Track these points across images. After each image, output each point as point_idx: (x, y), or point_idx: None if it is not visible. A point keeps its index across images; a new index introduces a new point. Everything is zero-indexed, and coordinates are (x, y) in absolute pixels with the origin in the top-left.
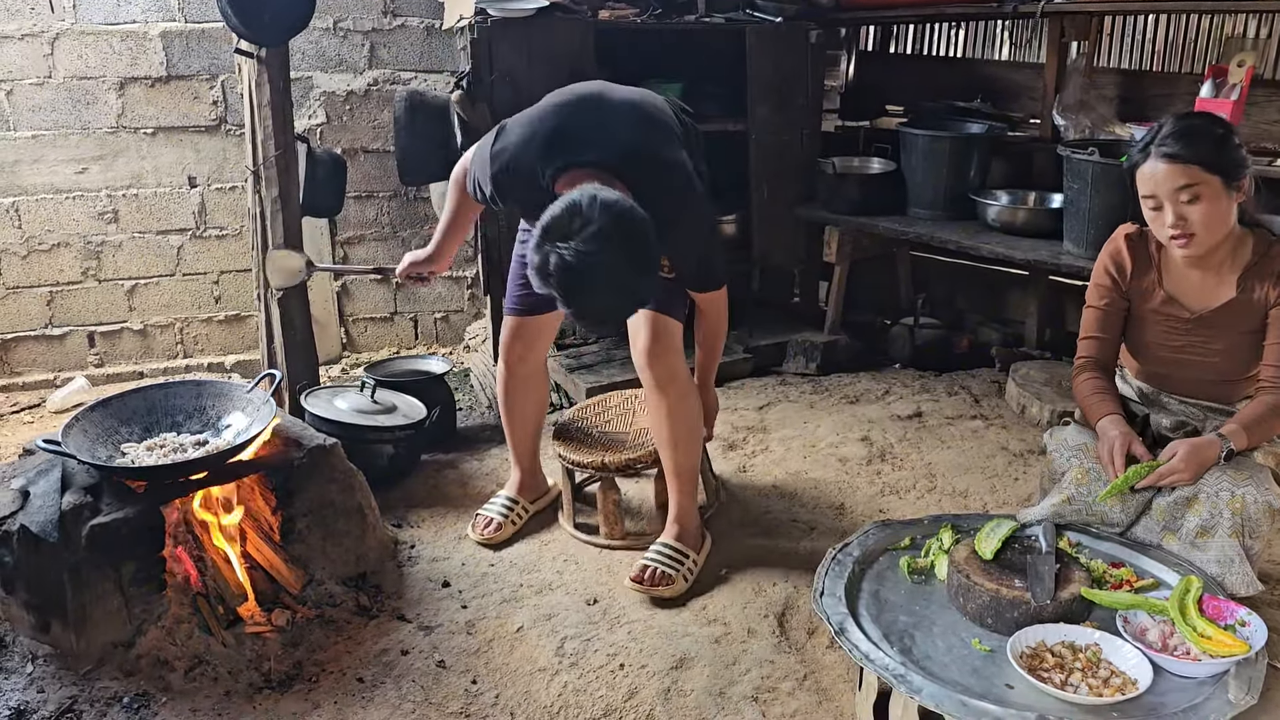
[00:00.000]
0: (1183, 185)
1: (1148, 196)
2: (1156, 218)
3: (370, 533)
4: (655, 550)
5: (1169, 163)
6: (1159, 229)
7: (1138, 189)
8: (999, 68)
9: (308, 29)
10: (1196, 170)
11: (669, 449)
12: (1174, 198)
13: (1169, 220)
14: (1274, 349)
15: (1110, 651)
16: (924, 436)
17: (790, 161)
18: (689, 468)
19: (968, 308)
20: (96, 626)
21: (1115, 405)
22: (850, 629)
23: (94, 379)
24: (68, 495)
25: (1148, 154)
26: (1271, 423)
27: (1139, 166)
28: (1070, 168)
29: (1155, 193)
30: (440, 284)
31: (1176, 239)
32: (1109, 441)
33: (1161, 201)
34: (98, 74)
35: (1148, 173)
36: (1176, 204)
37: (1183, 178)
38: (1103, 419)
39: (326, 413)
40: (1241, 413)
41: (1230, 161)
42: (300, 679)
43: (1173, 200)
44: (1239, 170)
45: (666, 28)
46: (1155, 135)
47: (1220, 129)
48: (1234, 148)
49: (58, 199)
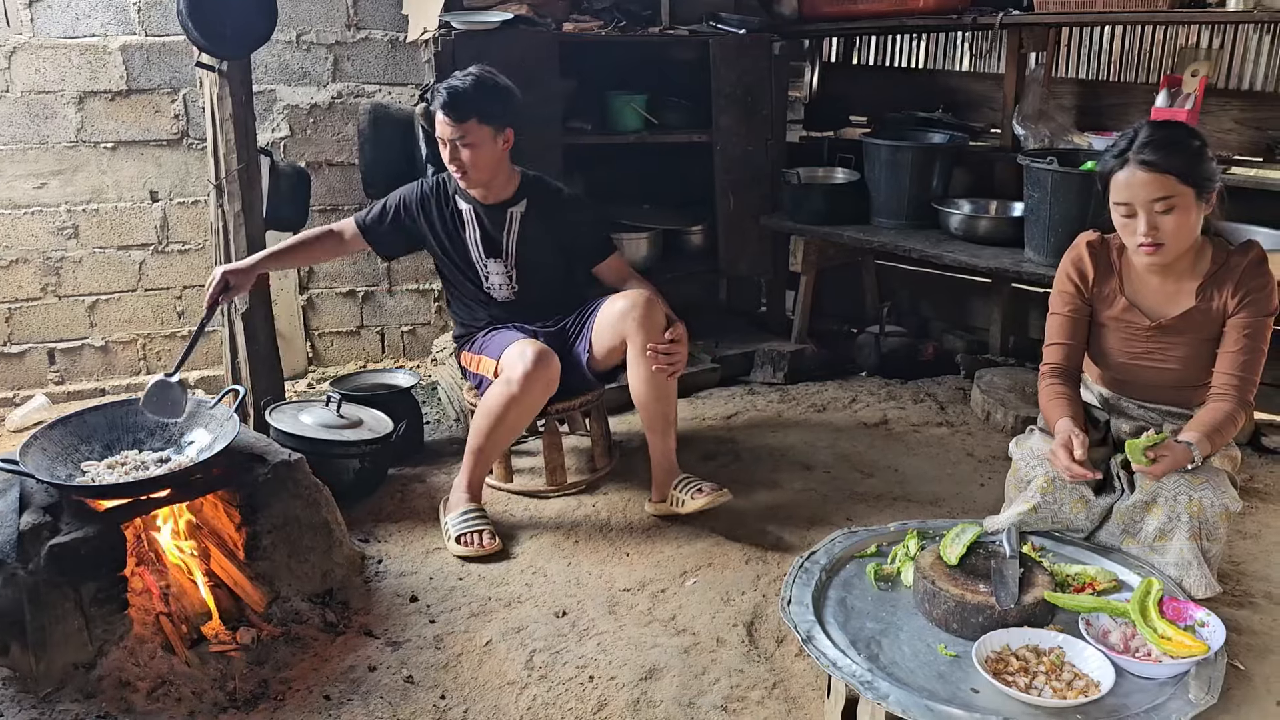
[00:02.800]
0: (1160, 196)
1: (1121, 204)
2: (1127, 225)
3: (337, 548)
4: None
5: (1148, 171)
6: (1128, 236)
7: (1108, 194)
8: (960, 78)
9: (270, 42)
10: (1173, 181)
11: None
12: (1149, 207)
13: (1141, 229)
14: (1228, 357)
15: (1073, 654)
16: (890, 444)
17: (755, 172)
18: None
19: (933, 315)
20: (57, 648)
21: (1072, 409)
22: (818, 637)
23: (54, 396)
24: (26, 515)
25: (1124, 160)
26: (1227, 430)
27: (1114, 173)
28: (1030, 177)
29: (1130, 200)
30: (407, 297)
31: (1146, 247)
32: (1058, 437)
33: (1135, 209)
34: (56, 88)
35: (1123, 180)
36: (1151, 213)
37: (1160, 189)
38: (1059, 420)
39: (292, 428)
40: (1200, 419)
41: (1204, 174)
42: (266, 698)
43: (1147, 209)
44: (1211, 183)
45: (631, 40)
46: (1132, 142)
47: (1197, 141)
48: (1208, 161)
49: (15, 214)
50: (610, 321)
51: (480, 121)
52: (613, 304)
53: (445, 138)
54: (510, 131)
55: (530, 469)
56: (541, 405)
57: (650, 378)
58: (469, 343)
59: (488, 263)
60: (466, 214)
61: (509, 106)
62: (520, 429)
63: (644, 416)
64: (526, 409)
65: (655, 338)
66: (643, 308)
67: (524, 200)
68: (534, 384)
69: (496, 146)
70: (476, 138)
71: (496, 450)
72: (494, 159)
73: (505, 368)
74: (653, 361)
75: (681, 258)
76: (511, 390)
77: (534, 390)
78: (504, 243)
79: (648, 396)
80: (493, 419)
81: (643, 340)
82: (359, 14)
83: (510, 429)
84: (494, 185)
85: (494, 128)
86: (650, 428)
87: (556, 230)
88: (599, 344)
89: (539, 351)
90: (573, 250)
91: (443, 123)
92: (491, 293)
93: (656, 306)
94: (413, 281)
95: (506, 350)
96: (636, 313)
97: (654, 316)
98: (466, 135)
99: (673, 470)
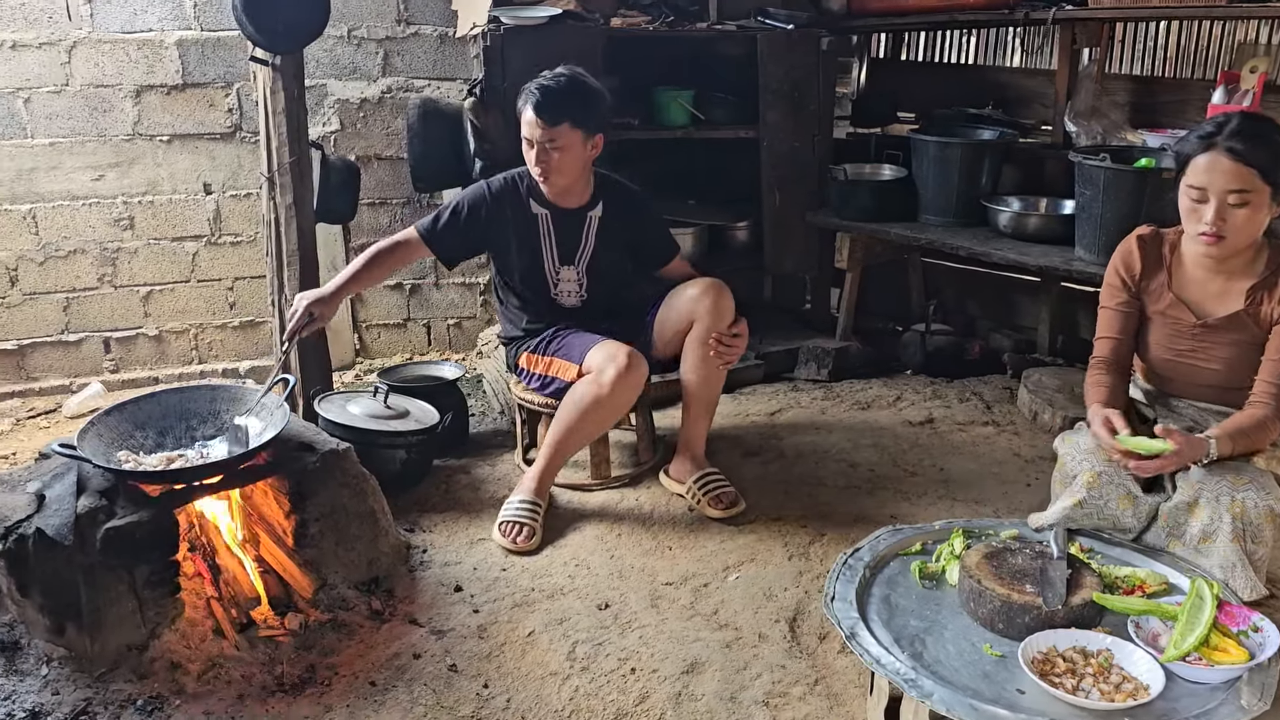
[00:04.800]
0: (1237, 188)
1: (1196, 187)
2: (1195, 211)
3: (383, 537)
4: (712, 480)
5: (1232, 160)
6: (1192, 222)
7: (1181, 175)
8: (1010, 74)
9: (322, 37)
10: (1254, 176)
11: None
12: (1223, 196)
13: (1209, 216)
14: (1270, 365)
15: (1122, 657)
16: (936, 443)
17: (802, 168)
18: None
19: (979, 314)
20: (111, 629)
21: (1110, 396)
22: (861, 634)
23: (109, 384)
24: (83, 499)
25: (1210, 145)
26: (1255, 436)
27: (1195, 155)
28: (1082, 174)
29: (1206, 185)
30: (453, 290)
31: (1207, 236)
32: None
33: (1208, 196)
34: (114, 82)
35: (1204, 164)
36: (1223, 203)
37: (1239, 180)
38: (1094, 404)
39: (340, 418)
40: (1230, 420)
41: None
42: (313, 682)
43: (1221, 198)
44: None
45: (678, 35)
46: (1221, 128)
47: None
48: None
49: (74, 206)
50: (681, 304)
51: (574, 126)
52: (685, 289)
53: (534, 139)
54: (600, 137)
55: (575, 461)
56: (628, 408)
57: (705, 364)
58: (531, 345)
59: (560, 270)
60: (541, 219)
61: (602, 111)
62: (604, 429)
63: (686, 398)
64: (613, 410)
65: (721, 327)
66: (716, 295)
67: (600, 203)
68: (625, 386)
69: (585, 151)
70: (568, 141)
71: (575, 447)
72: (582, 164)
73: (594, 368)
74: (713, 349)
75: (726, 254)
76: (601, 392)
77: (624, 393)
78: (580, 249)
79: (698, 381)
80: (578, 415)
81: (709, 324)
82: (409, 9)
83: (595, 427)
84: (573, 190)
85: (585, 132)
86: (689, 409)
87: (630, 232)
88: (663, 330)
89: (630, 354)
90: (642, 252)
91: (533, 124)
92: (559, 300)
93: (728, 296)
94: (459, 275)
95: (592, 352)
96: (709, 299)
97: (725, 305)
98: (558, 139)
99: (698, 454)
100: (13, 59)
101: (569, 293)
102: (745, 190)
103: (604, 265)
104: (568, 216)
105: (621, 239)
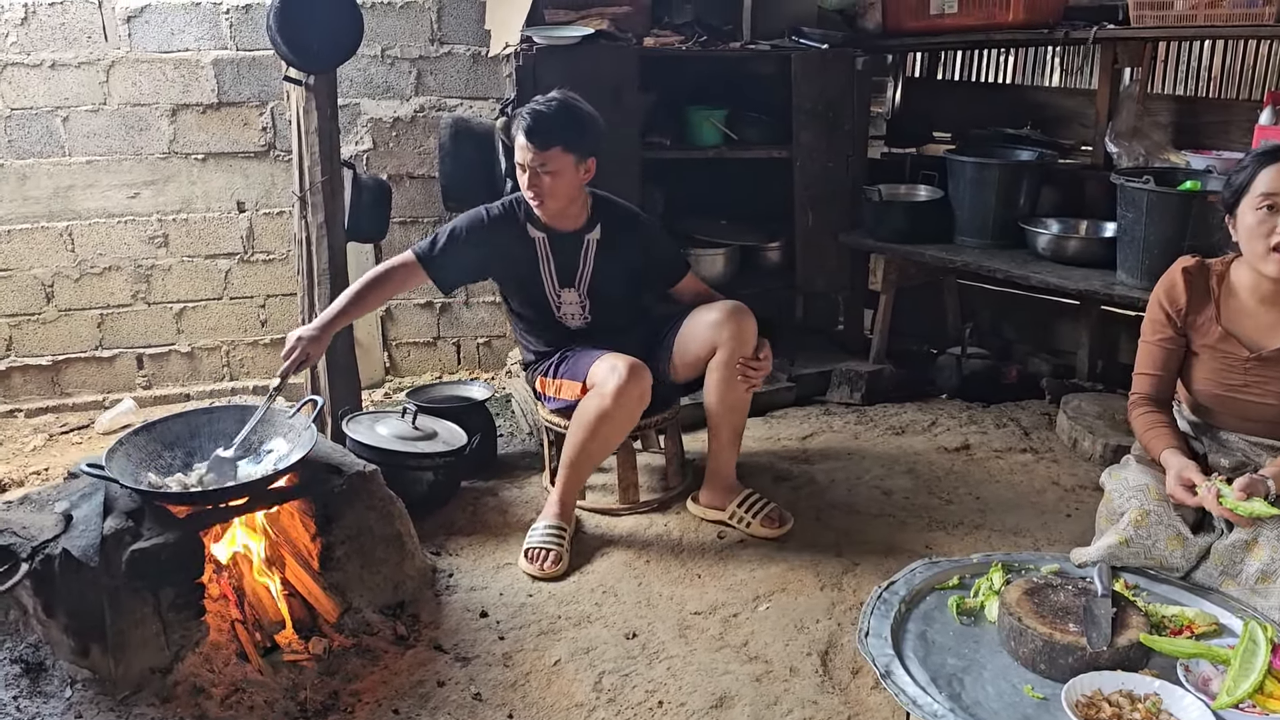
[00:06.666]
0: None
1: (1269, 194)
2: (1264, 220)
3: (408, 561)
4: (757, 501)
5: None
6: (1259, 236)
7: (1249, 186)
8: (1049, 94)
9: (356, 56)
10: None
11: (743, 416)
12: None
13: None
14: None
15: (1171, 702)
16: (972, 470)
17: (835, 188)
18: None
19: (1016, 337)
20: (135, 652)
21: (1176, 439)
22: (897, 671)
23: (141, 400)
24: (109, 520)
25: None
26: None
27: (1270, 165)
28: (1124, 196)
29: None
30: (483, 309)
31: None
32: (1173, 470)
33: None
34: (151, 101)
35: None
36: None
37: None
38: (1165, 451)
39: (367, 439)
40: None
41: None
42: (336, 709)
43: None
44: None
45: (711, 55)
46: None
47: None
48: None
49: (109, 223)
50: (700, 330)
51: (565, 150)
52: (704, 313)
53: (526, 164)
54: (593, 161)
55: (603, 485)
56: (637, 419)
57: (730, 389)
58: (543, 368)
59: (561, 293)
60: (539, 243)
61: (593, 135)
62: (615, 443)
63: (713, 424)
64: (620, 423)
65: (746, 352)
66: (739, 321)
67: (598, 225)
68: (627, 397)
69: (578, 175)
70: (559, 165)
71: (590, 464)
72: (574, 188)
73: (597, 382)
74: (740, 374)
75: (758, 274)
76: (604, 404)
77: (627, 403)
78: (579, 271)
79: (723, 406)
80: (586, 432)
81: (733, 350)
82: (442, 29)
83: (605, 443)
84: (569, 213)
85: (577, 156)
86: (716, 435)
87: (631, 254)
88: (684, 353)
89: (631, 364)
90: (648, 272)
91: (524, 148)
92: (564, 321)
93: (751, 320)
94: (489, 294)
95: (595, 365)
96: (733, 325)
97: (749, 330)
98: (549, 163)
99: (730, 480)
100: (52, 78)
101: (572, 315)
102: (777, 210)
103: (606, 286)
104: (565, 239)
105: (622, 259)
